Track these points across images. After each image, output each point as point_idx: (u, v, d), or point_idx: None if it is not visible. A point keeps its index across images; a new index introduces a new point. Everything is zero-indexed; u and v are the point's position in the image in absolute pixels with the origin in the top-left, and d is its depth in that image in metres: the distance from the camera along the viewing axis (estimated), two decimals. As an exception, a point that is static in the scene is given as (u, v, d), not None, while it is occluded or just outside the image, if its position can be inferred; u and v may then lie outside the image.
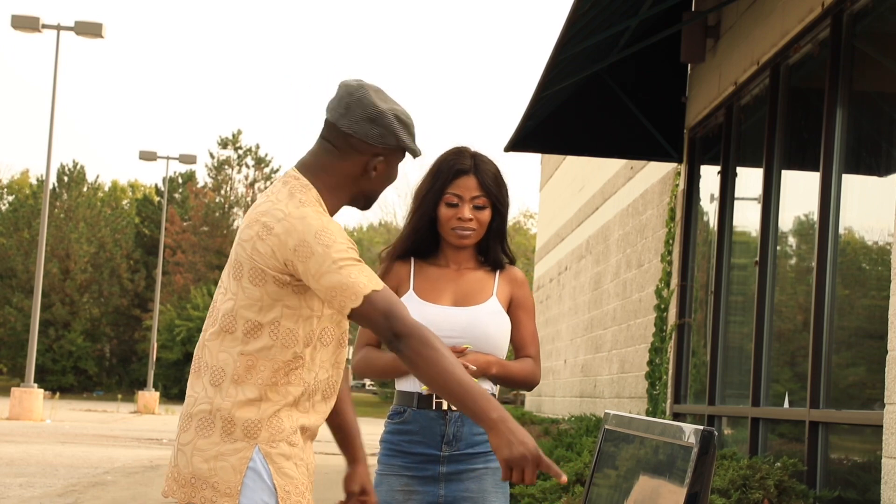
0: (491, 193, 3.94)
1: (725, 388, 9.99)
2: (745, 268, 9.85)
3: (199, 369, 3.18)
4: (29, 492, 12.01)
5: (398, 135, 3.21)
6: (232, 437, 3.07)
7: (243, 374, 3.09)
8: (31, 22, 32.42)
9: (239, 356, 3.10)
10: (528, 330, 3.99)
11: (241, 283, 3.11)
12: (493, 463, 3.91)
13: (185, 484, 3.10)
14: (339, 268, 3.03)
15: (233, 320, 3.12)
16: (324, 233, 3.05)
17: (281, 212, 3.10)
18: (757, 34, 9.16)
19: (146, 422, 34.51)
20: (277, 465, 3.09)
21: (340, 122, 3.19)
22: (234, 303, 3.12)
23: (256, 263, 3.09)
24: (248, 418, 3.07)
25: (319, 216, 3.09)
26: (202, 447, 3.09)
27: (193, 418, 3.12)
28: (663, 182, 12.30)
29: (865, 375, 7.17)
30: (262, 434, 3.08)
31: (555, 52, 9.35)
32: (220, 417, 3.08)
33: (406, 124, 3.24)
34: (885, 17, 7.27)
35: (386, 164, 3.23)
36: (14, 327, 62.77)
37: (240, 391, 3.09)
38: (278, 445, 3.09)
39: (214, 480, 3.06)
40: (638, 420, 3.66)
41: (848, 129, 7.51)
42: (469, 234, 3.94)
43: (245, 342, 3.10)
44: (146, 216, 70.95)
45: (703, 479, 2.98)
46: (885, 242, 6.93)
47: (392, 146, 3.21)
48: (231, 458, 3.07)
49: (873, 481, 6.43)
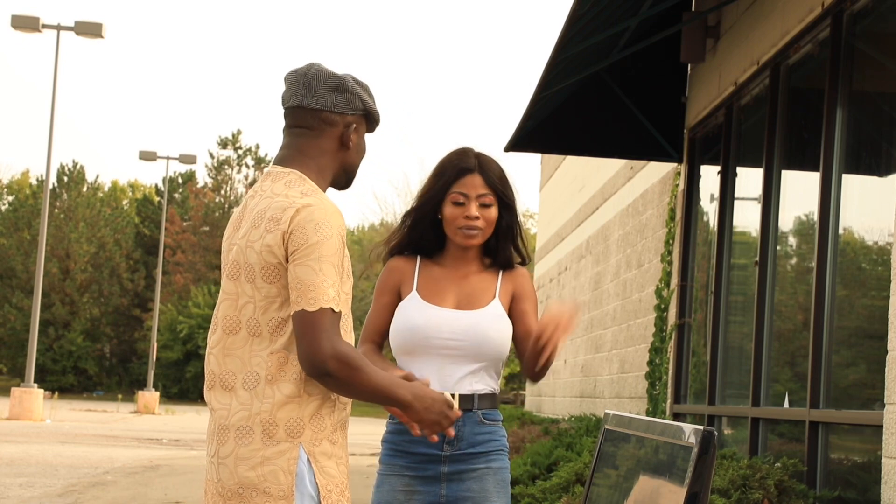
0: (497, 190, 3.93)
1: (725, 388, 9.99)
2: (745, 268, 9.85)
3: (223, 382, 3.12)
4: (29, 492, 12.01)
5: (363, 97, 3.23)
6: (274, 440, 3.04)
7: (276, 373, 3.06)
8: (31, 22, 32.42)
9: (269, 356, 3.07)
10: (533, 320, 3.96)
11: (255, 283, 3.09)
12: (494, 463, 3.90)
13: (231, 496, 3.05)
14: (319, 268, 3.02)
15: (257, 324, 3.09)
16: (325, 226, 3.05)
17: (285, 201, 3.10)
18: (757, 34, 9.17)
19: (146, 422, 34.50)
20: (321, 464, 3.07)
21: (306, 101, 3.20)
22: (254, 305, 3.10)
23: (268, 259, 3.07)
24: (291, 417, 3.04)
25: (323, 206, 3.09)
26: (245, 455, 3.04)
27: (230, 429, 3.07)
28: (663, 182, 12.30)
29: (865, 375, 7.17)
30: (305, 433, 3.05)
31: (555, 52, 9.35)
32: (259, 422, 3.04)
33: (364, 86, 3.26)
34: (885, 17, 7.27)
35: (357, 134, 3.24)
36: (14, 327, 62.75)
37: (276, 390, 3.06)
38: (321, 444, 3.07)
39: (265, 486, 3.03)
40: (638, 420, 3.66)
41: (848, 129, 7.51)
42: (476, 234, 3.93)
43: (272, 341, 3.08)
44: (146, 216, 70.94)
45: (702, 478, 2.99)
46: (885, 242, 6.94)
47: (360, 110, 3.23)
48: (278, 460, 3.03)
49: (873, 481, 6.44)
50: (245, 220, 3.17)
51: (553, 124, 11.97)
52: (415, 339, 3.87)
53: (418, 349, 3.87)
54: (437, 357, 3.86)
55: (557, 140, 12.55)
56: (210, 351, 3.17)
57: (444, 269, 3.99)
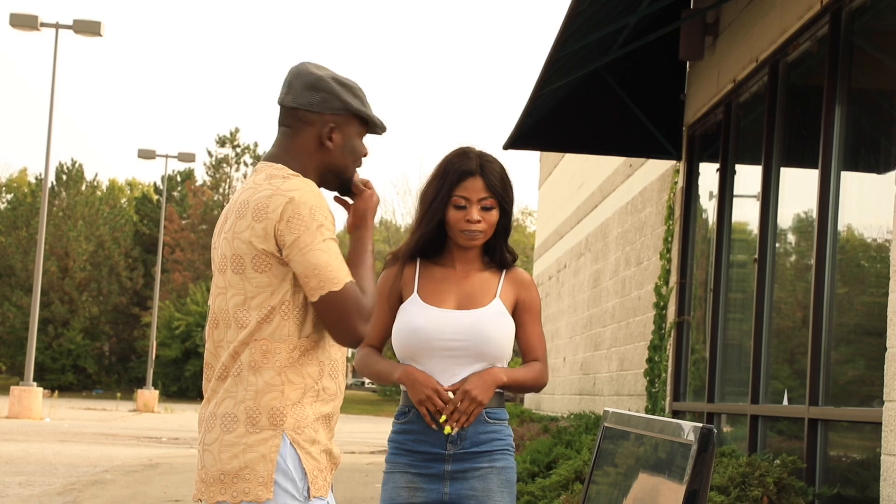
0: (497, 194, 3.95)
1: (724, 385, 10.00)
2: (745, 265, 9.86)
3: (216, 373, 3.16)
4: (28, 490, 12.02)
5: (340, 96, 3.21)
6: (258, 427, 3.07)
7: (260, 360, 3.09)
8: (29, 20, 32.41)
9: (254, 344, 3.10)
10: (534, 333, 4.00)
11: (245, 274, 3.11)
12: (498, 462, 3.91)
13: (213, 482, 3.09)
14: (328, 247, 3.06)
15: (246, 312, 3.12)
16: (319, 209, 3.08)
17: (269, 190, 3.11)
18: (755, 32, 9.17)
19: (145, 420, 34.52)
20: (305, 449, 3.10)
21: (285, 99, 3.22)
22: (244, 295, 3.12)
23: (258, 247, 3.09)
24: (273, 406, 3.08)
25: (311, 190, 3.11)
26: (229, 442, 3.08)
27: (217, 417, 3.11)
28: (662, 179, 12.31)
29: (864, 372, 7.17)
30: (287, 421, 3.08)
31: (554, 50, 9.35)
32: (243, 409, 3.08)
33: (348, 86, 3.23)
34: (884, 14, 7.27)
35: (342, 134, 3.22)
36: (13, 325, 62.77)
37: (259, 378, 3.09)
38: (303, 432, 3.10)
39: (245, 473, 3.06)
40: (637, 418, 3.66)
41: (846, 126, 7.51)
42: (478, 236, 3.95)
43: (259, 329, 3.10)
44: (145, 214, 70.95)
45: (702, 476, 2.99)
46: (884, 239, 6.93)
47: (337, 109, 3.20)
48: (260, 447, 3.07)
49: (872, 478, 6.44)
50: (231, 212, 3.19)
51: (552, 122, 11.98)
52: (417, 341, 3.88)
53: (421, 351, 3.88)
54: (440, 358, 3.88)
55: (556, 137, 12.56)
56: (207, 345, 3.21)
57: (445, 269, 4.00)
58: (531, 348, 3.99)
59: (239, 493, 3.05)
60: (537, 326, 4.01)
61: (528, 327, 3.99)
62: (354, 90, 3.23)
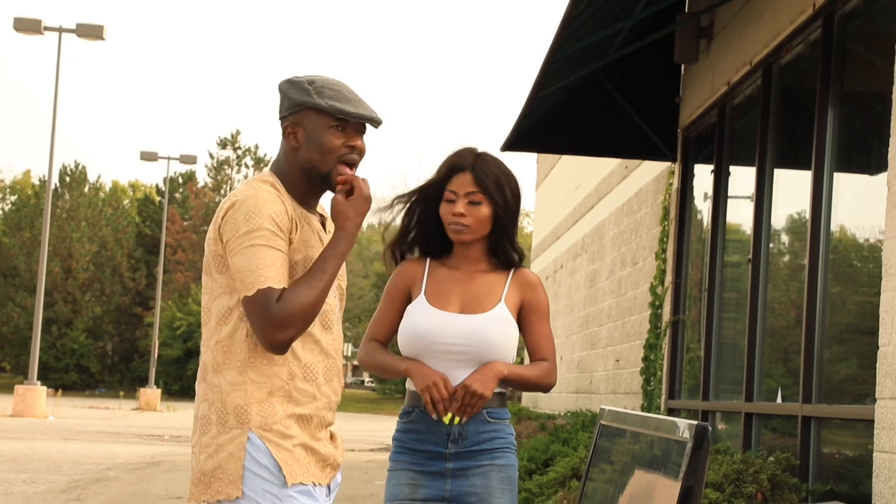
0: (487, 189, 3.91)
1: (719, 383, 10.03)
2: (739, 265, 9.90)
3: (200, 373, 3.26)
4: (32, 488, 12.05)
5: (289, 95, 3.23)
6: (227, 427, 3.13)
7: (222, 361, 3.15)
8: (33, 24, 32.42)
9: (215, 345, 3.16)
10: (541, 333, 3.97)
11: (212, 275, 3.19)
12: (499, 460, 3.93)
13: (197, 483, 3.16)
14: (253, 253, 3.08)
15: (208, 313, 3.19)
16: (256, 214, 3.10)
17: (232, 197, 3.18)
18: (749, 35, 9.21)
19: (148, 418, 34.52)
20: (275, 443, 3.13)
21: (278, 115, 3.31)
22: (210, 296, 3.20)
23: (215, 250, 3.17)
24: (238, 405, 3.13)
25: (260, 197, 3.12)
26: (205, 443, 3.15)
27: (197, 419, 3.20)
28: (657, 181, 12.34)
29: (857, 371, 7.22)
30: (252, 418, 3.12)
31: (550, 53, 9.38)
32: (215, 411, 3.14)
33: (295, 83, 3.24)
34: (876, 18, 7.31)
35: (303, 130, 3.22)
36: (17, 325, 62.73)
37: (222, 378, 3.14)
38: (272, 428, 3.13)
39: (218, 472, 3.12)
40: (633, 415, 3.71)
41: (839, 128, 7.54)
42: (464, 230, 3.93)
43: (218, 330, 3.17)
44: (147, 216, 70.89)
45: (697, 473, 3.03)
46: (876, 240, 6.95)
47: (289, 108, 3.23)
48: (229, 446, 3.12)
49: (865, 475, 6.46)
50: None
51: (549, 124, 11.99)
52: (420, 343, 3.91)
53: (424, 353, 3.91)
54: (442, 361, 3.90)
55: (553, 139, 12.57)
56: None
57: (451, 269, 4.00)
58: (538, 348, 3.97)
59: (215, 493, 3.11)
60: (544, 327, 3.98)
61: (535, 327, 3.96)
62: (302, 84, 3.22)
